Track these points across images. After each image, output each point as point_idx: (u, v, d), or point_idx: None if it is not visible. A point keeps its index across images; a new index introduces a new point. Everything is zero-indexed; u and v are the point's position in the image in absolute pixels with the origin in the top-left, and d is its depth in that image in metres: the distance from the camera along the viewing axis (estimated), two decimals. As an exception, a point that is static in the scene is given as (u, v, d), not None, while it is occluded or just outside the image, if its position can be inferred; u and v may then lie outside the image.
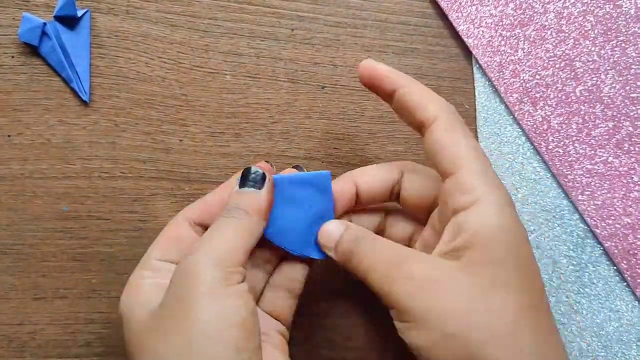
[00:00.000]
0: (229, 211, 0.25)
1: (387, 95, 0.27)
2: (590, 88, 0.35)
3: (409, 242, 0.29)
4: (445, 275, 0.23)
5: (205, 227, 0.26)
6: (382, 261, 0.24)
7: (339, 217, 0.28)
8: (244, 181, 0.26)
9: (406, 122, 0.28)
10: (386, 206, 0.30)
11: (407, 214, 0.30)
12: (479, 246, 0.23)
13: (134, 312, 0.24)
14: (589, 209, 0.34)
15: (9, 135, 0.32)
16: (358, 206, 0.29)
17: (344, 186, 0.28)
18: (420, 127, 0.26)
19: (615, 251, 0.34)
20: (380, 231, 0.30)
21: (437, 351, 0.22)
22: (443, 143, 0.25)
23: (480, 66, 0.36)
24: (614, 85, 0.35)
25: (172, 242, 0.27)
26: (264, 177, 0.26)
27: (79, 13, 0.32)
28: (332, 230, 0.27)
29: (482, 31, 0.36)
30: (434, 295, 0.22)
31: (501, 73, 0.36)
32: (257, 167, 0.26)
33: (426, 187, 0.28)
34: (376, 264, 0.24)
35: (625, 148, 0.35)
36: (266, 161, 0.29)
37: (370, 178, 0.28)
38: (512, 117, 0.35)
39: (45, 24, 0.32)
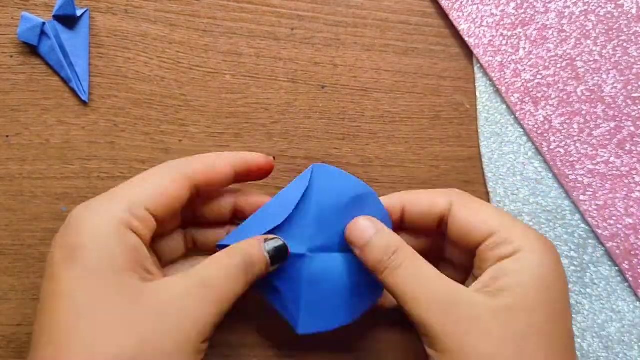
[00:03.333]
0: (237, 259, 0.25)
1: (396, 225, 0.29)
2: (591, 88, 0.35)
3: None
4: (480, 314, 0.23)
5: (198, 193, 0.27)
6: (418, 288, 0.24)
7: None
8: (278, 259, 0.26)
9: (425, 231, 0.28)
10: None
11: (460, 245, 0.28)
12: (517, 290, 0.23)
13: (86, 273, 0.22)
14: (590, 209, 0.34)
15: (7, 136, 0.32)
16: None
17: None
18: (441, 222, 0.28)
19: (617, 252, 0.34)
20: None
21: None
22: (469, 218, 0.26)
23: (481, 66, 0.36)
24: (615, 85, 0.35)
25: (168, 200, 0.25)
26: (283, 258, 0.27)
27: (78, 12, 0.32)
28: (361, 229, 0.26)
29: (483, 30, 0.36)
30: (467, 332, 0.23)
31: (502, 73, 0.35)
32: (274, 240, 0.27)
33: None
34: (412, 289, 0.24)
35: (627, 148, 0.35)
36: (273, 158, 0.29)
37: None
38: (513, 117, 0.35)
39: (44, 23, 0.32)
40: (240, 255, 0.25)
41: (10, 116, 0.32)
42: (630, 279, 0.34)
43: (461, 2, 0.36)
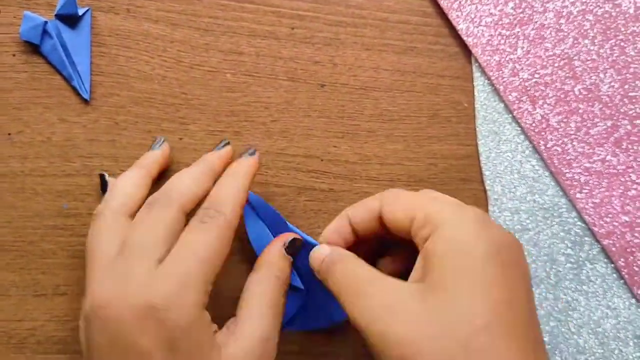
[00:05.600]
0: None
1: (351, 237, 0.29)
2: (589, 87, 0.35)
3: None
4: (399, 300, 0.23)
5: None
6: (348, 284, 0.25)
7: None
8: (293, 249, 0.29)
9: (376, 235, 0.28)
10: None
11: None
12: (437, 267, 0.22)
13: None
14: (587, 207, 0.34)
15: (9, 134, 0.32)
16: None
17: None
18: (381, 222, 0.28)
19: (613, 249, 0.34)
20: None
21: None
22: (394, 210, 0.26)
23: (479, 65, 0.36)
24: (612, 84, 0.35)
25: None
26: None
27: (80, 12, 0.32)
28: (320, 252, 0.28)
29: (482, 30, 0.36)
30: (387, 320, 0.22)
31: (500, 72, 0.36)
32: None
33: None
34: (343, 287, 0.25)
35: (623, 146, 0.35)
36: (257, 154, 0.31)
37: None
38: (511, 115, 0.36)
39: (46, 22, 0.32)
40: (273, 269, 0.28)
41: (12, 114, 0.32)
42: (626, 276, 0.34)
43: (460, 2, 0.36)
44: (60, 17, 0.32)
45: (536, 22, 0.36)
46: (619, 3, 0.36)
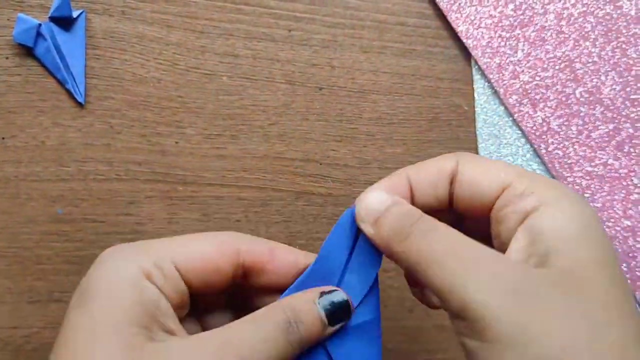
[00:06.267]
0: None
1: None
2: (590, 90, 0.35)
3: None
4: (537, 285, 0.18)
5: (246, 276, 0.23)
6: (455, 255, 0.19)
7: None
8: (337, 317, 0.22)
9: (436, 202, 0.23)
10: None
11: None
12: (565, 250, 0.19)
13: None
14: (588, 211, 0.34)
15: (2, 138, 0.32)
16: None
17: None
18: (450, 190, 0.23)
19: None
20: None
21: None
22: (478, 172, 0.22)
23: (479, 67, 0.36)
24: (614, 86, 0.35)
25: (205, 267, 0.23)
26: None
27: (75, 14, 0.32)
28: (373, 201, 0.22)
29: (482, 32, 0.35)
30: (529, 309, 0.18)
31: (501, 74, 0.35)
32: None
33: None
34: (445, 257, 0.19)
35: (625, 150, 0.34)
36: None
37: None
38: (511, 118, 0.35)
39: (40, 24, 0.32)
40: (282, 311, 0.21)
41: (5, 118, 0.32)
42: (629, 281, 0.33)
43: (459, 4, 0.35)
44: (54, 19, 0.32)
45: (537, 24, 0.36)
46: (620, 5, 0.35)
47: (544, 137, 0.35)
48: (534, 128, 0.35)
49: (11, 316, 0.31)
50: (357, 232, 0.23)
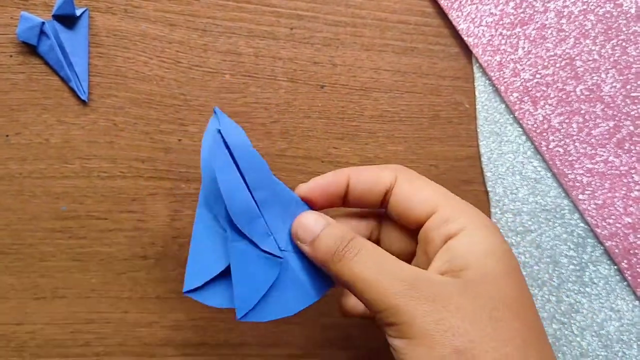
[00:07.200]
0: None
1: (340, 199, 0.27)
2: (590, 87, 0.35)
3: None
4: (450, 292, 0.22)
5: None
6: (384, 274, 0.23)
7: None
8: None
9: (369, 206, 0.27)
10: (379, 213, 0.29)
11: (401, 228, 0.28)
12: (476, 265, 0.23)
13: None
14: (589, 208, 0.34)
15: (7, 135, 0.32)
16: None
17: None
18: (384, 198, 0.26)
19: (616, 250, 0.34)
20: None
21: None
22: (412, 193, 0.25)
23: (480, 65, 0.36)
24: (614, 84, 0.35)
25: None
26: None
27: (78, 12, 0.32)
28: (310, 223, 0.25)
29: (483, 30, 0.36)
30: (442, 310, 0.22)
31: (501, 72, 0.35)
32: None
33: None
34: (376, 276, 0.23)
35: (625, 147, 0.35)
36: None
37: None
38: (512, 116, 0.35)
39: (43, 23, 0.32)
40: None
41: (9, 116, 0.32)
42: (629, 277, 0.34)
43: (460, 2, 0.36)
44: (57, 17, 0.32)
45: (537, 22, 0.36)
46: (620, 3, 0.36)
47: (544, 134, 0.35)
48: (535, 125, 0.35)
49: (15, 313, 0.31)
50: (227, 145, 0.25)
